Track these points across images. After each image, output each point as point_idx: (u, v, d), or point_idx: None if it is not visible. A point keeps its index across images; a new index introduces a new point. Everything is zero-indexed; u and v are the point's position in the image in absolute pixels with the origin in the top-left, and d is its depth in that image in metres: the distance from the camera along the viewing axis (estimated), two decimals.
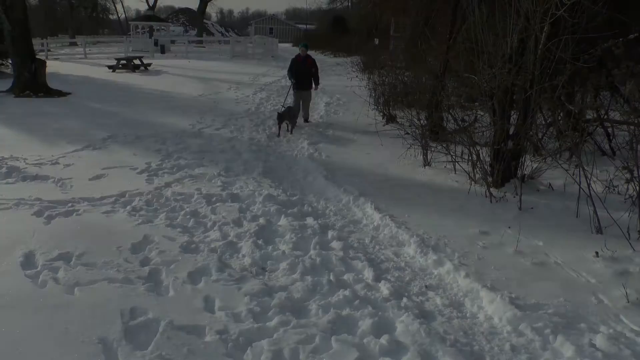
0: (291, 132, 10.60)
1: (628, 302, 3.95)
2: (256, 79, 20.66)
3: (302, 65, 11.47)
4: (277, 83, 19.52)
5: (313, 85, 11.70)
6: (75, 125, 10.57)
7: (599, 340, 3.44)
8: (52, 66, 19.51)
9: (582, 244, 5.05)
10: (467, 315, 3.89)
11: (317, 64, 11.95)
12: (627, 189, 5.73)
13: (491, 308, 3.91)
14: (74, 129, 10.23)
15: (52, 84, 15.29)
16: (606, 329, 3.61)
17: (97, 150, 8.56)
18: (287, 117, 10.51)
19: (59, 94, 14.67)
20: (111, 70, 21.95)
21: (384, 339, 3.42)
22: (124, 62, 22.45)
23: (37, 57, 15.44)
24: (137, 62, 22.69)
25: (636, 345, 3.41)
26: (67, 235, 4.91)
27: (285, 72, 13.65)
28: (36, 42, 23.75)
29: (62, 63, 25.25)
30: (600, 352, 3.29)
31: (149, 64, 23.47)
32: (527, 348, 3.43)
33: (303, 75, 11.46)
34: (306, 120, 11.83)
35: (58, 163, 7.61)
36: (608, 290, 4.16)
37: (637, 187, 4.92)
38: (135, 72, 21.93)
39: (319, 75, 12.00)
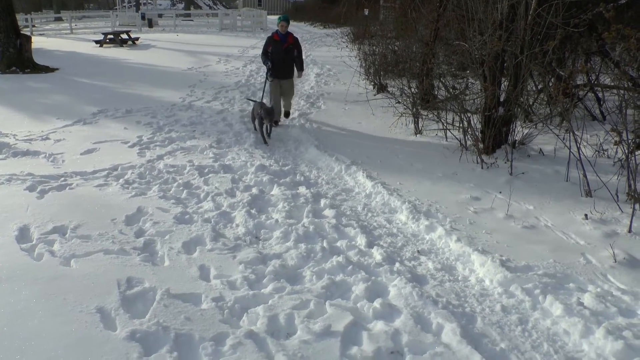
0: (269, 135, 7.92)
1: (615, 262, 4.04)
2: (245, 52, 20.43)
3: (280, 45, 8.58)
4: None
5: (296, 72, 8.92)
6: (64, 101, 10.47)
7: (587, 299, 3.52)
8: (38, 42, 19.21)
9: (572, 207, 5.14)
10: (459, 278, 3.97)
11: (301, 44, 9.04)
12: (616, 152, 5.80)
13: (482, 271, 3.99)
14: (63, 104, 10.13)
15: (39, 60, 15.06)
16: (594, 288, 3.70)
17: (88, 125, 8.49)
18: (267, 116, 7.73)
19: (47, 69, 14.47)
20: (98, 45, 21.63)
21: (377, 303, 3.49)
22: (111, 36, 22.10)
23: (22, 32, 15.14)
24: (124, 36, 22.34)
25: (622, 303, 3.50)
26: (61, 209, 4.92)
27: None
28: (20, 18, 23.30)
29: (48, 39, 24.87)
30: (588, 310, 3.37)
31: (137, 38, 23.13)
32: (518, 308, 3.52)
33: (283, 59, 8.61)
34: (287, 115, 9.19)
35: (48, 138, 7.56)
36: (596, 251, 4.25)
37: (626, 150, 4.97)
38: (123, 46, 21.61)
39: (303, 58, 9.15)
